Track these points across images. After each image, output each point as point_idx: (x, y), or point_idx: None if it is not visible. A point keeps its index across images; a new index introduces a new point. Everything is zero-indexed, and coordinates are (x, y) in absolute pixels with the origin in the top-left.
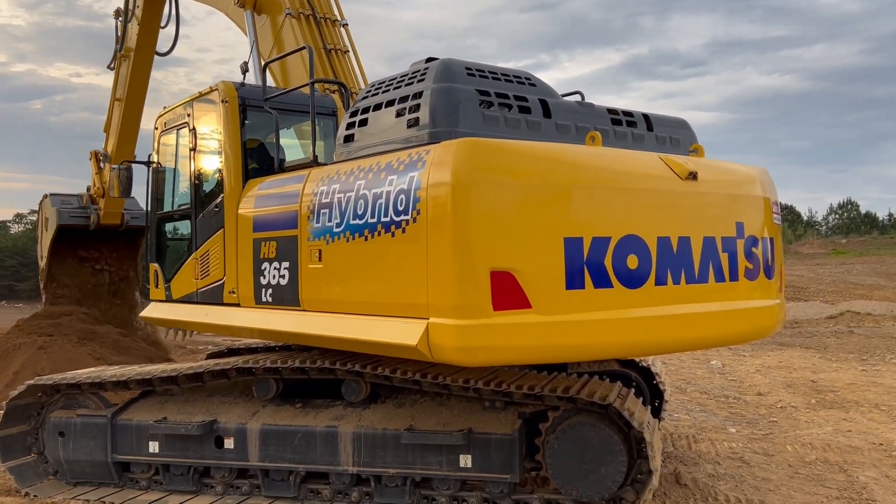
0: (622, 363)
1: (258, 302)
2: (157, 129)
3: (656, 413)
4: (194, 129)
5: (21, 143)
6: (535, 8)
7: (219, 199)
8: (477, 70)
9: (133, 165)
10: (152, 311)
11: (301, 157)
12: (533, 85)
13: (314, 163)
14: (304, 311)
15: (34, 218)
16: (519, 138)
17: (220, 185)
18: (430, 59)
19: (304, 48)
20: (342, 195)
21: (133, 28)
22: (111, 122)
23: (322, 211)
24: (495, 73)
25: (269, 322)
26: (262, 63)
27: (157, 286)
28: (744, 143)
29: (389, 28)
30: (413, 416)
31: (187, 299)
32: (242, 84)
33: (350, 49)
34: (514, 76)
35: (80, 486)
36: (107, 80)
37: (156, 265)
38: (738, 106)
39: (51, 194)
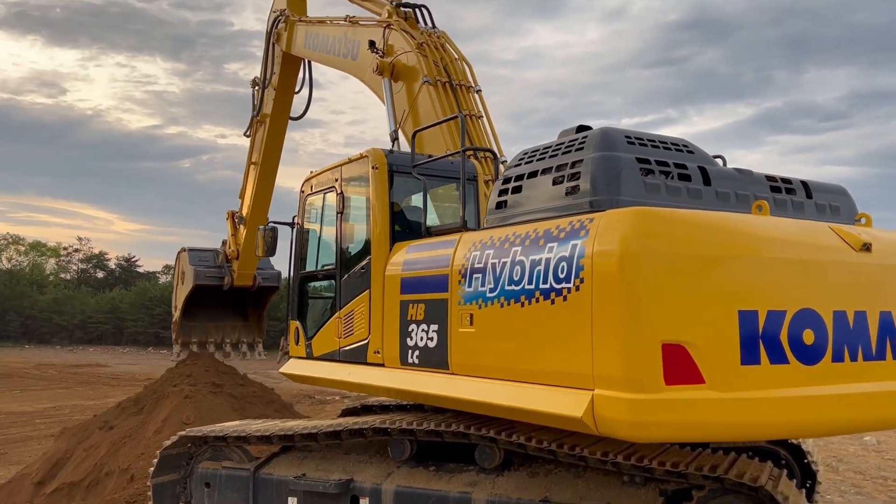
0: (771, 440)
1: (404, 363)
2: (303, 191)
3: (809, 495)
4: (342, 192)
5: (171, 199)
6: (660, 63)
7: (365, 261)
8: (636, 138)
9: (277, 226)
10: (292, 367)
11: (437, 221)
12: (691, 152)
13: (464, 227)
14: (452, 374)
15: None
16: (680, 206)
17: (366, 247)
18: (581, 128)
19: (456, 116)
20: (497, 261)
21: (269, 94)
22: (246, 185)
23: (475, 275)
24: (653, 141)
25: (416, 384)
26: (411, 130)
27: (297, 343)
28: (887, 200)
29: (514, 87)
30: (548, 487)
31: (329, 357)
32: (391, 151)
33: (483, 115)
34: (672, 143)
35: None
36: (247, 140)
37: (297, 323)
38: (883, 160)
39: (189, 249)
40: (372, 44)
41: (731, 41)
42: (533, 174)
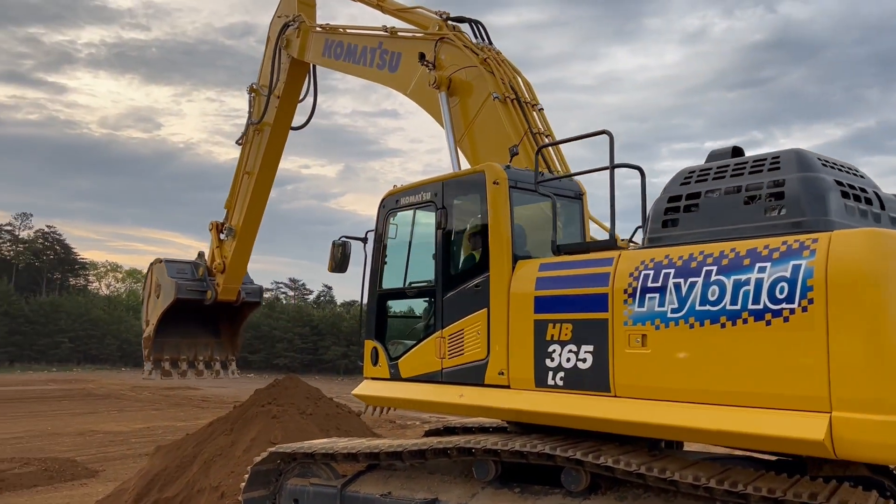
0: (874, 468)
1: (541, 385)
2: (384, 206)
3: None
4: (443, 208)
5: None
6: (744, 85)
7: (481, 279)
8: (823, 160)
9: (349, 241)
10: (368, 389)
11: (526, 239)
12: (862, 177)
13: (614, 245)
14: (616, 397)
15: (267, 296)
16: (871, 228)
17: (482, 264)
18: (735, 150)
19: (603, 132)
20: (681, 280)
21: (272, 102)
22: (236, 196)
23: (648, 295)
24: (835, 164)
25: (563, 406)
26: (469, 146)
27: (376, 364)
28: None
29: (593, 112)
30: None
31: (427, 378)
32: (507, 166)
33: (551, 133)
34: (848, 168)
35: None
36: (330, 169)
37: (375, 343)
38: None
39: (166, 261)
40: (422, 56)
41: (817, 60)
42: (710, 192)
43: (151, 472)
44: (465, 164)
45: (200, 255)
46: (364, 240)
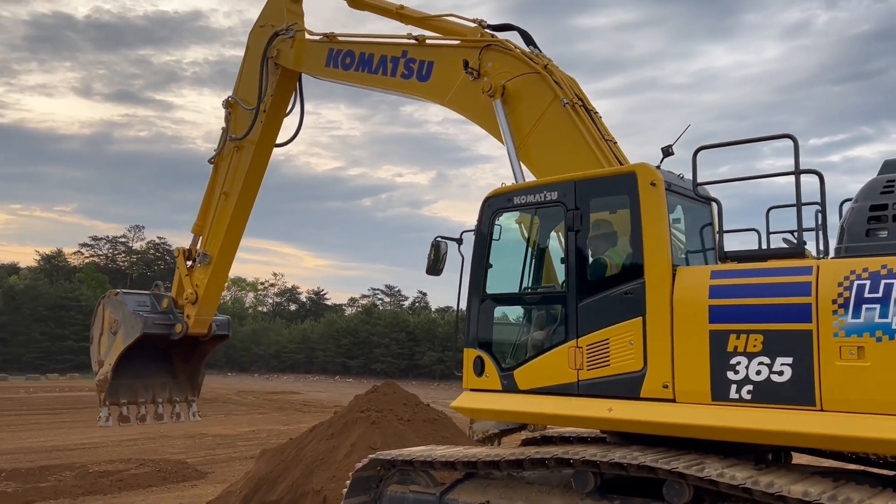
0: None
1: (720, 398)
2: (489, 206)
3: None
4: (578, 208)
5: (353, 236)
6: (851, 78)
7: (633, 285)
8: None
9: (446, 241)
10: (470, 401)
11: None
12: None
13: (801, 252)
14: (822, 411)
15: (364, 302)
16: None
17: (632, 270)
18: None
19: (786, 135)
20: None
21: (260, 118)
22: (211, 219)
23: (866, 306)
24: None
25: (753, 421)
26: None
27: (480, 374)
28: None
29: (688, 112)
30: None
31: (557, 391)
32: (657, 167)
33: (613, 138)
34: None
35: None
36: (423, 176)
37: (479, 352)
38: None
39: (123, 293)
40: (466, 64)
41: None
42: None
43: (257, 475)
44: (528, 175)
45: (157, 285)
46: (459, 241)
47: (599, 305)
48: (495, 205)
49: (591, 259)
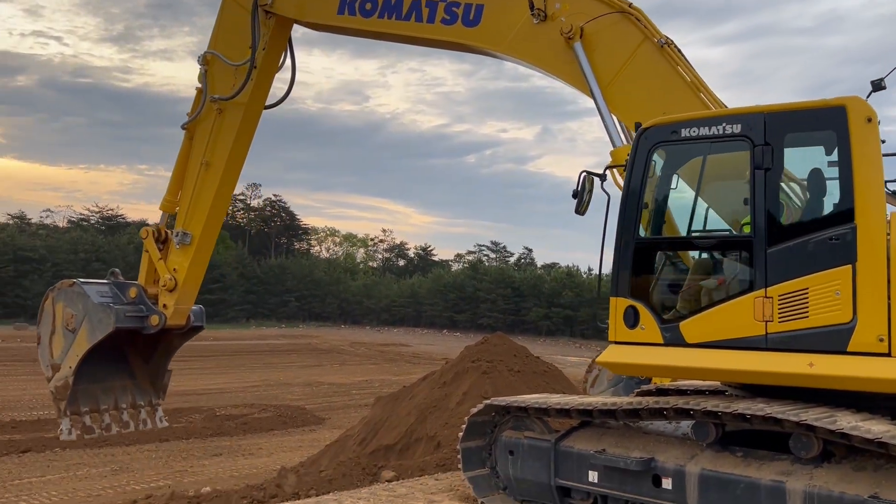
0: None
1: None
2: (646, 138)
3: None
4: (769, 144)
5: (457, 193)
6: None
7: (841, 230)
8: None
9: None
10: (621, 355)
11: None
12: None
13: None
14: None
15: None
16: None
17: (840, 213)
18: None
19: None
20: None
21: (250, 76)
22: (190, 194)
23: None
24: None
25: None
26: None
27: (634, 326)
28: None
29: (811, 57)
30: (878, 483)
31: (738, 345)
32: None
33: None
34: None
35: (525, 503)
36: (528, 132)
37: (633, 301)
38: None
39: (82, 283)
40: (531, 5)
41: None
42: None
43: (373, 420)
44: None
45: (114, 272)
46: (602, 177)
47: (795, 252)
48: (655, 137)
49: (784, 200)
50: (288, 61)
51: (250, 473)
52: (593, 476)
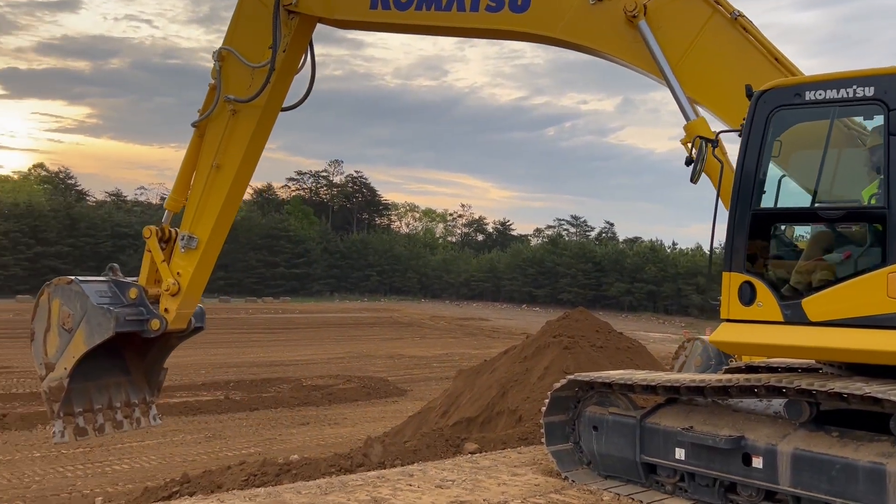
0: None
1: None
2: (764, 102)
3: None
4: None
5: (537, 167)
6: None
7: None
8: None
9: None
10: (737, 334)
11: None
12: None
13: None
14: None
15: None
16: None
17: None
18: None
19: None
20: None
21: (258, 77)
22: (199, 196)
23: None
24: None
25: None
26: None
27: (750, 303)
28: None
29: None
30: None
31: (868, 323)
32: None
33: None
34: None
35: (610, 479)
36: (609, 103)
37: (750, 277)
38: None
39: (80, 281)
40: None
41: None
42: None
43: (454, 393)
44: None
45: (113, 269)
46: (714, 142)
47: None
48: (775, 100)
49: None
50: (308, 62)
51: (336, 442)
52: (680, 453)
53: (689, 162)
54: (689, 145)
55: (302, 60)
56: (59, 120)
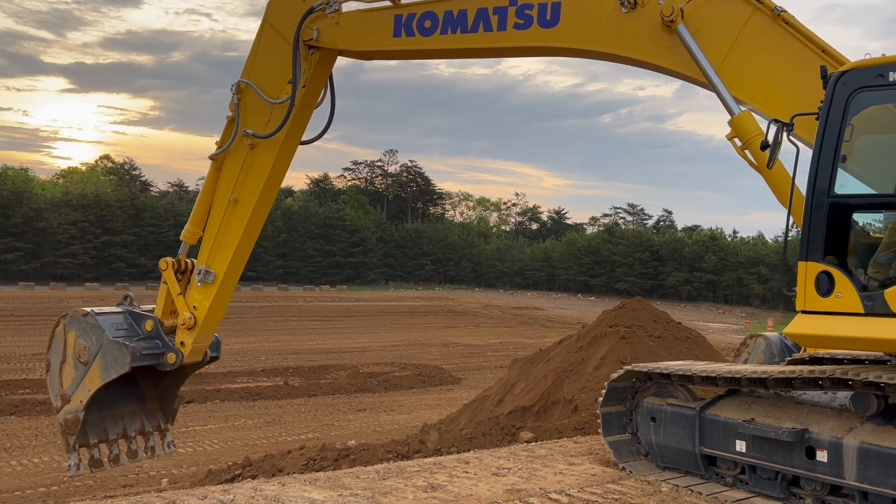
0: None
1: None
2: (844, 83)
3: None
4: None
5: (593, 154)
6: None
7: None
8: None
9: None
10: (814, 326)
11: None
12: None
13: None
14: None
15: (605, 221)
16: None
17: None
18: None
19: None
20: None
21: (278, 112)
22: (216, 229)
23: None
24: None
25: None
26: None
27: (828, 294)
28: None
29: None
30: None
31: None
32: None
33: None
34: None
35: (668, 470)
36: (666, 89)
37: (828, 266)
38: None
39: (96, 314)
40: None
41: None
42: None
43: (509, 382)
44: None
45: (128, 298)
46: (789, 126)
47: None
48: (855, 82)
49: None
50: (328, 96)
51: (392, 429)
52: (741, 446)
53: (765, 146)
54: (765, 131)
55: (322, 94)
56: (124, 112)
